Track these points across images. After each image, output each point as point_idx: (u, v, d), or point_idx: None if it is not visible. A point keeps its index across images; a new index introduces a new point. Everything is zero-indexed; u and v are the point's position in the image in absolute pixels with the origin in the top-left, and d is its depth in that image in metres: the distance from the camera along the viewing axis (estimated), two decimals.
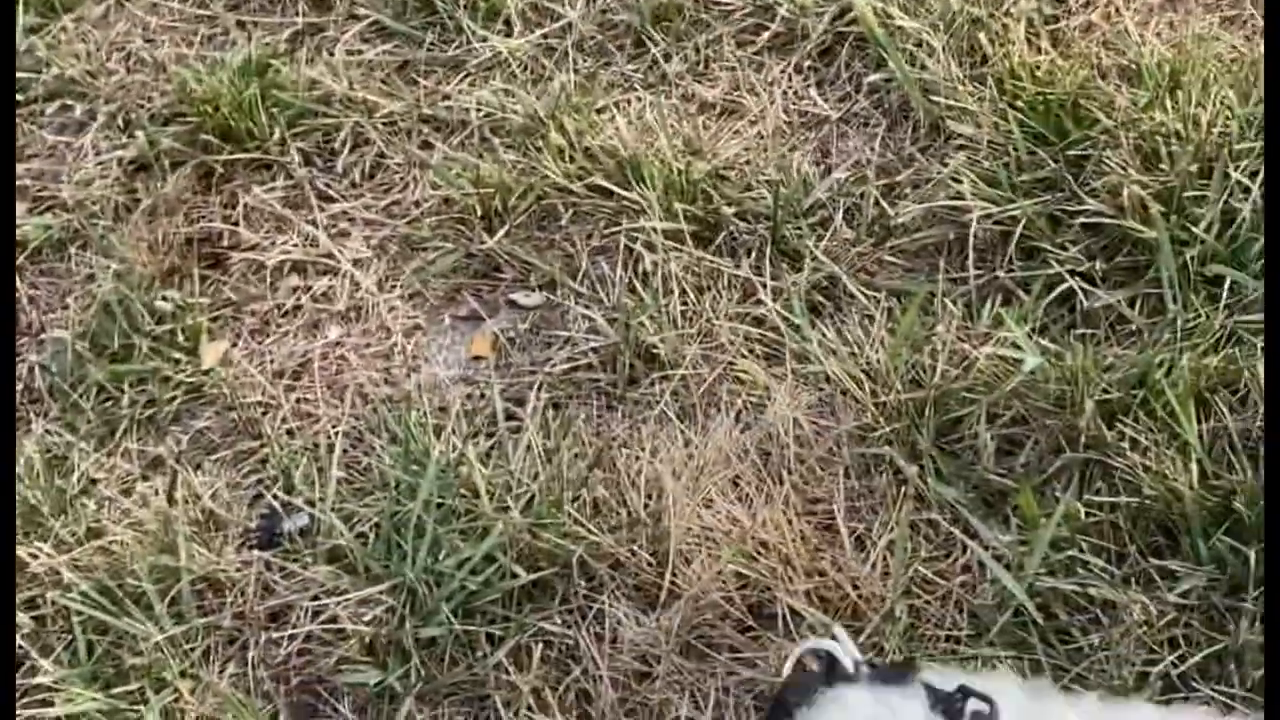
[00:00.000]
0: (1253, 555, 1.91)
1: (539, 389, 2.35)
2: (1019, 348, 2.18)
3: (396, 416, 2.32)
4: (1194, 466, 2.01)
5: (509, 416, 2.32)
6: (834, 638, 1.36)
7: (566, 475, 2.21)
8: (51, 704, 2.09)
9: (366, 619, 2.12)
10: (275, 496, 2.28)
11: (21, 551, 2.20)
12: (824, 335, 2.31)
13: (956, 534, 2.09)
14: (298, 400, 2.40)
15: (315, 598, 2.17)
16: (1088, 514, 2.03)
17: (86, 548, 2.22)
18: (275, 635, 2.16)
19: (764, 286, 2.37)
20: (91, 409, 2.40)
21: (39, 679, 2.11)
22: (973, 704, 1.21)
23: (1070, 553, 2.00)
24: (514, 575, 2.13)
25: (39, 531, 2.24)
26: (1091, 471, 2.08)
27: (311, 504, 2.25)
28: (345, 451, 2.32)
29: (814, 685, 1.29)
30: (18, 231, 2.62)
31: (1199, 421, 2.07)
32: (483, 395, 2.36)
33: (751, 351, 2.31)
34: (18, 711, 2.10)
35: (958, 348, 2.23)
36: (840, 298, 2.36)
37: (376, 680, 2.08)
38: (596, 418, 2.32)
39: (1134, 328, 2.21)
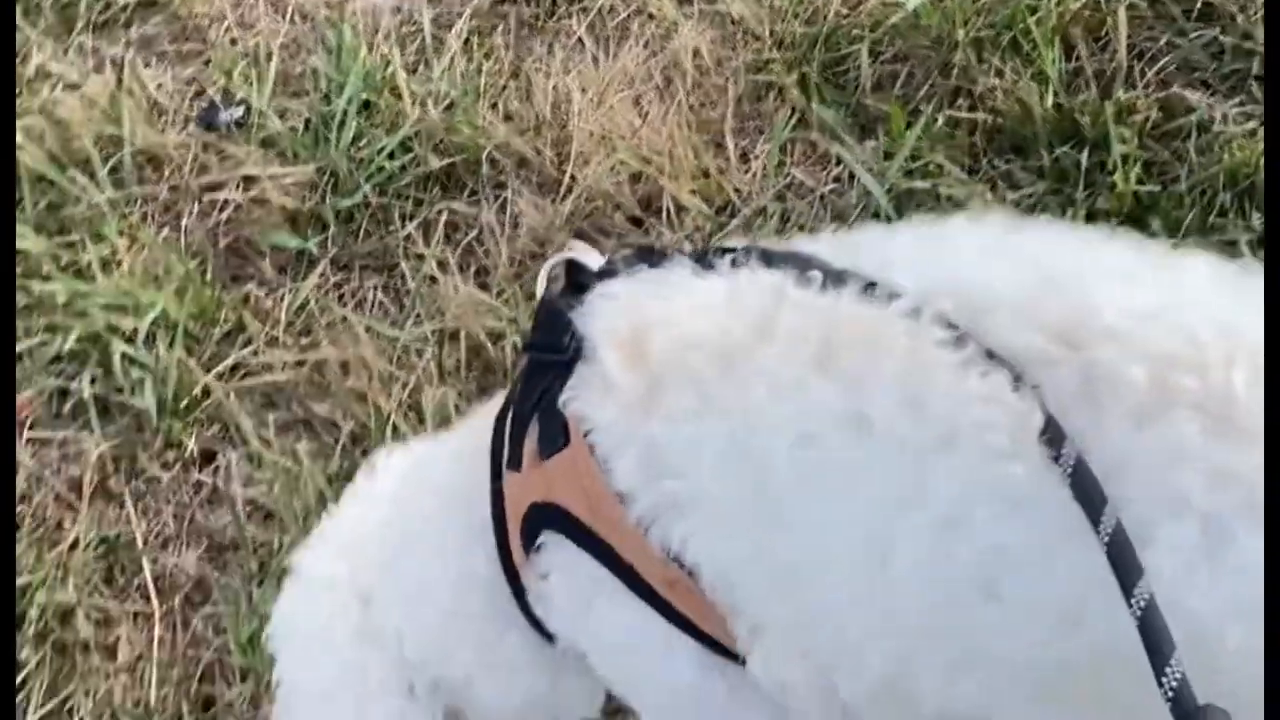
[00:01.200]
0: (1084, 158, 2.12)
1: (467, 18, 2.53)
2: None
3: (332, 27, 2.50)
4: (1050, 95, 2.22)
5: (436, 40, 2.50)
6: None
7: (484, 84, 2.40)
8: None
9: (291, 194, 2.33)
10: (215, 94, 2.47)
11: None
12: None
13: (832, 151, 2.30)
14: (242, 14, 2.58)
15: (246, 177, 2.37)
16: (948, 129, 2.24)
17: (38, 117, 2.41)
18: (207, 205, 2.36)
19: None
20: (49, 8, 2.58)
21: None
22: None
23: (928, 159, 2.20)
24: (427, 163, 2.33)
25: None
26: (957, 95, 2.28)
27: (247, 101, 2.44)
28: (282, 60, 2.50)
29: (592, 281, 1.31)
30: None
31: (1061, 62, 2.27)
32: (414, 20, 2.54)
33: None
34: None
35: None
36: None
37: (297, 244, 2.29)
38: (516, 44, 2.50)
39: None
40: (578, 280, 1.31)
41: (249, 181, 2.37)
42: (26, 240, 2.28)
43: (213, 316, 2.22)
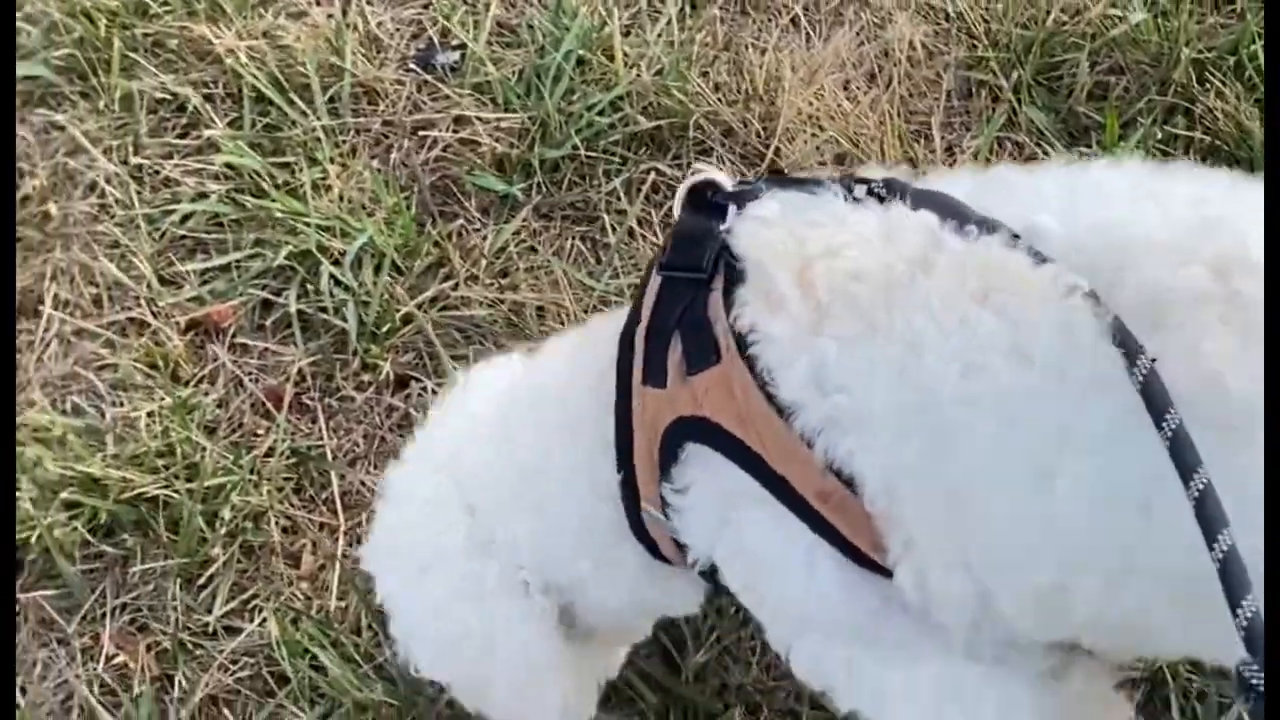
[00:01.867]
0: None
1: None
2: (1128, 3, 2.37)
3: None
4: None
5: (652, 7, 2.54)
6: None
7: (695, 53, 2.44)
8: (217, 151, 2.36)
9: (500, 139, 2.38)
10: (434, 35, 2.53)
11: (205, 30, 2.47)
12: None
13: (1039, 153, 2.31)
14: None
15: (458, 118, 2.42)
16: (1162, 145, 2.24)
17: (262, 41, 2.48)
18: (417, 142, 2.42)
19: None
20: None
21: (208, 133, 2.38)
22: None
23: None
24: (635, 123, 2.37)
25: (223, 20, 2.50)
26: (1173, 112, 2.28)
27: (464, 46, 2.50)
28: (502, 10, 2.55)
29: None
30: None
31: None
32: None
33: None
34: (183, 161, 2.38)
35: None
36: None
37: (503, 188, 2.34)
38: (730, 18, 2.53)
39: (1238, 8, 2.39)
40: (715, 201, 1.36)
41: (460, 123, 2.42)
42: (244, 158, 2.35)
43: (416, 248, 2.27)
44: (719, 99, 2.40)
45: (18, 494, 2.07)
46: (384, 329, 2.21)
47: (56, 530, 2.05)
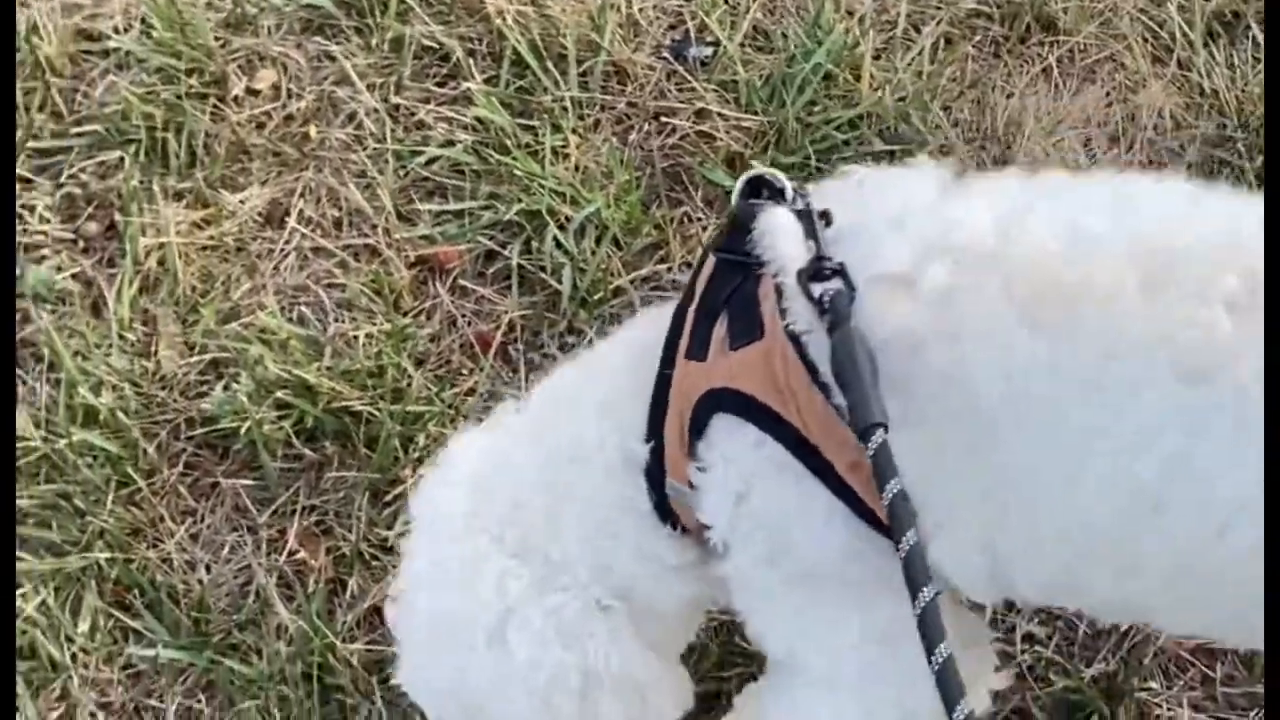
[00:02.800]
0: None
1: (941, 22, 2.60)
2: None
3: None
4: None
5: (906, 35, 2.59)
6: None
7: (941, 86, 2.48)
8: (471, 104, 2.49)
9: (736, 138, 2.45)
10: (691, 29, 2.62)
11: None
12: (1213, 56, 2.49)
13: None
14: None
15: (699, 111, 2.50)
16: None
17: (530, 7, 2.59)
18: (657, 127, 2.51)
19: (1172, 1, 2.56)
20: None
21: (466, 85, 2.51)
22: None
23: None
24: (871, 144, 2.42)
25: None
26: None
27: (718, 43, 2.58)
28: (760, 15, 2.63)
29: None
30: None
31: None
32: (891, 11, 2.62)
33: (1144, 43, 2.51)
34: (438, 108, 2.51)
35: None
36: (1238, 31, 2.53)
37: (732, 185, 2.41)
38: (981, 59, 2.56)
39: None
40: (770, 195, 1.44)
41: (700, 116, 2.50)
42: (495, 114, 2.46)
43: (638, 227, 2.36)
44: (956, 134, 2.44)
45: (235, 386, 2.22)
46: (595, 297, 2.30)
47: (265, 426, 2.19)
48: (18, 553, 2.11)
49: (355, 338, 2.28)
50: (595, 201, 2.36)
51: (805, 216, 1.38)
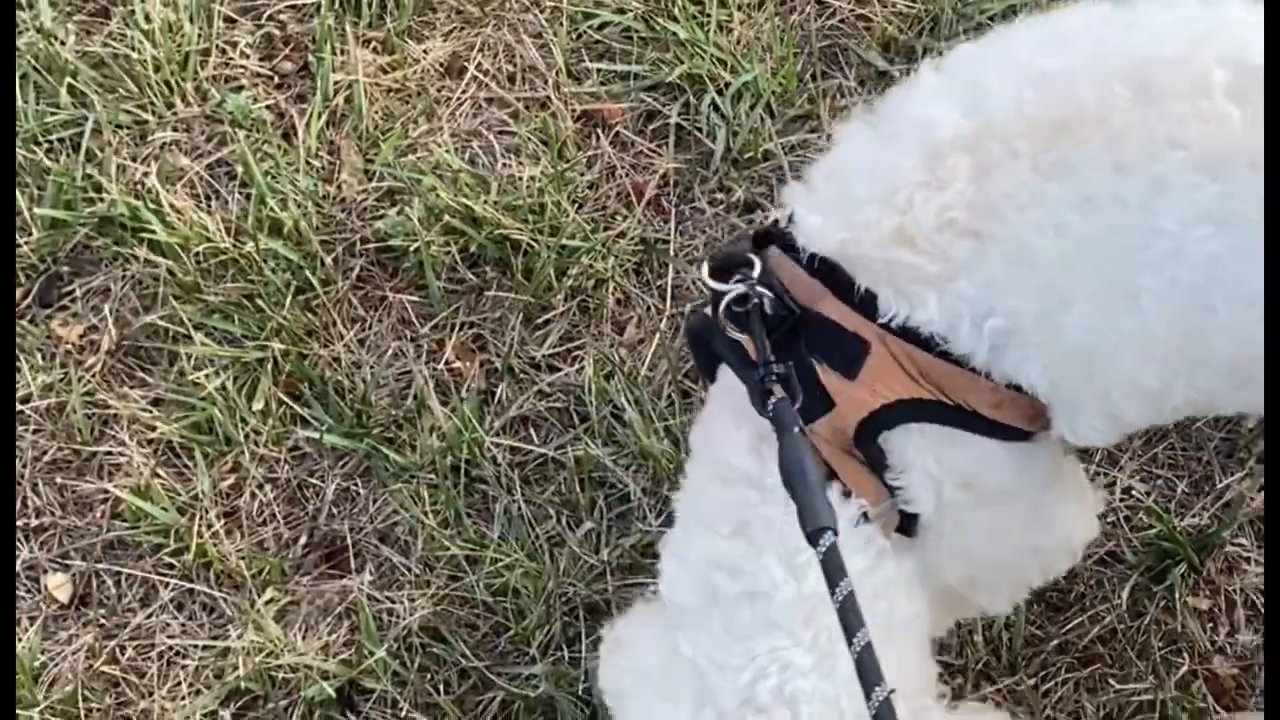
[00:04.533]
0: None
1: None
2: None
3: None
4: None
5: None
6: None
7: None
8: None
9: (894, 22, 2.57)
10: None
11: None
12: None
13: None
14: None
15: None
16: None
17: None
18: (818, 8, 2.63)
19: None
20: None
21: None
22: None
23: None
24: None
25: None
26: None
27: None
28: None
29: None
30: None
31: None
32: None
33: None
34: None
35: None
36: None
37: (884, 66, 2.54)
38: None
39: None
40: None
41: (861, 1, 2.62)
42: None
43: (791, 98, 2.50)
44: None
45: (408, 211, 2.41)
46: (745, 157, 2.44)
47: (433, 248, 2.38)
48: (200, 340, 2.33)
49: (520, 179, 2.45)
50: (754, 71, 2.50)
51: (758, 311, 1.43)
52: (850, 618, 1.24)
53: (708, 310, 1.51)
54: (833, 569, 1.27)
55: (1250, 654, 1.96)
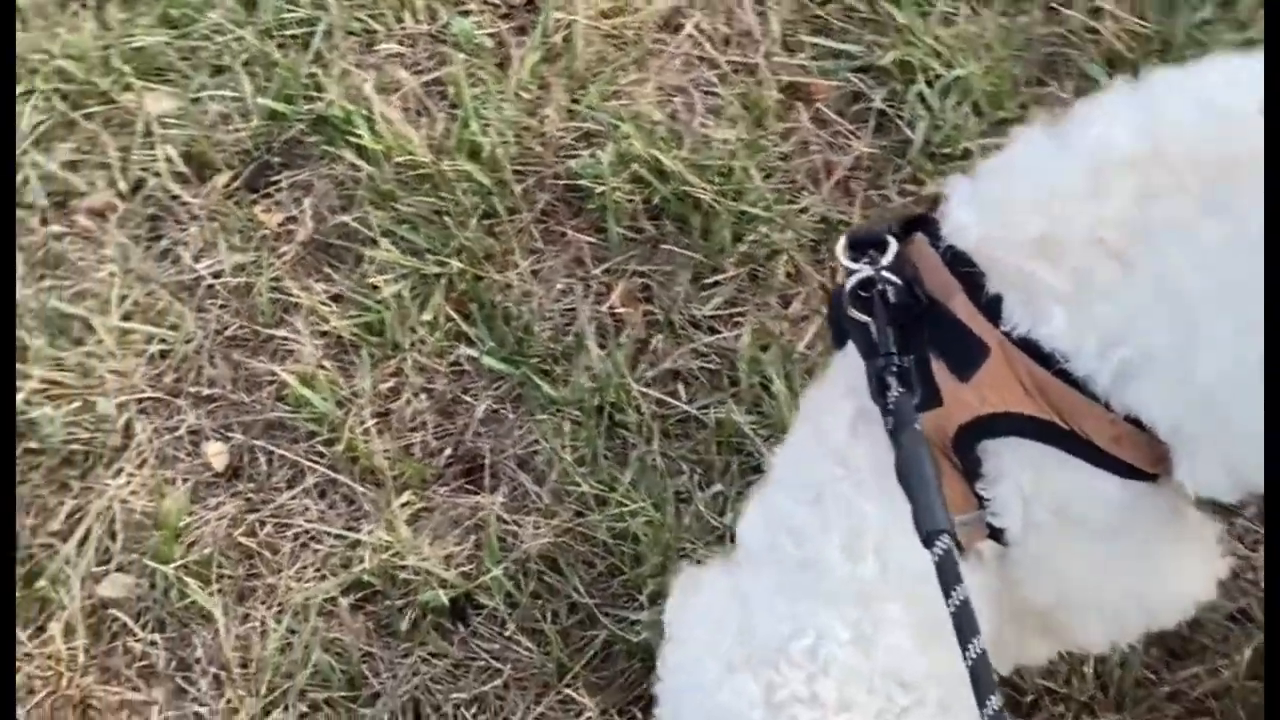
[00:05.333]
0: None
1: None
2: None
3: None
4: None
5: None
6: None
7: None
8: None
9: (1122, 39, 2.50)
10: None
11: None
12: None
13: None
14: None
15: (1094, 10, 2.56)
16: None
17: None
18: (1046, 16, 2.57)
19: None
20: None
21: None
22: None
23: None
24: None
25: None
26: None
27: None
28: None
29: None
30: None
31: None
32: None
33: None
34: None
35: None
36: None
37: (1104, 80, 2.47)
38: None
39: None
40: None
41: (1095, 13, 2.55)
42: None
43: (1002, 101, 2.46)
44: None
45: (600, 155, 2.46)
46: (943, 153, 2.42)
47: (619, 194, 2.42)
48: (385, 246, 2.43)
49: (713, 139, 2.48)
50: (969, 67, 2.47)
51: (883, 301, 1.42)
52: (965, 624, 1.24)
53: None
54: (949, 573, 1.28)
55: None
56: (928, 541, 1.31)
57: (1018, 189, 1.40)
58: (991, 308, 1.38)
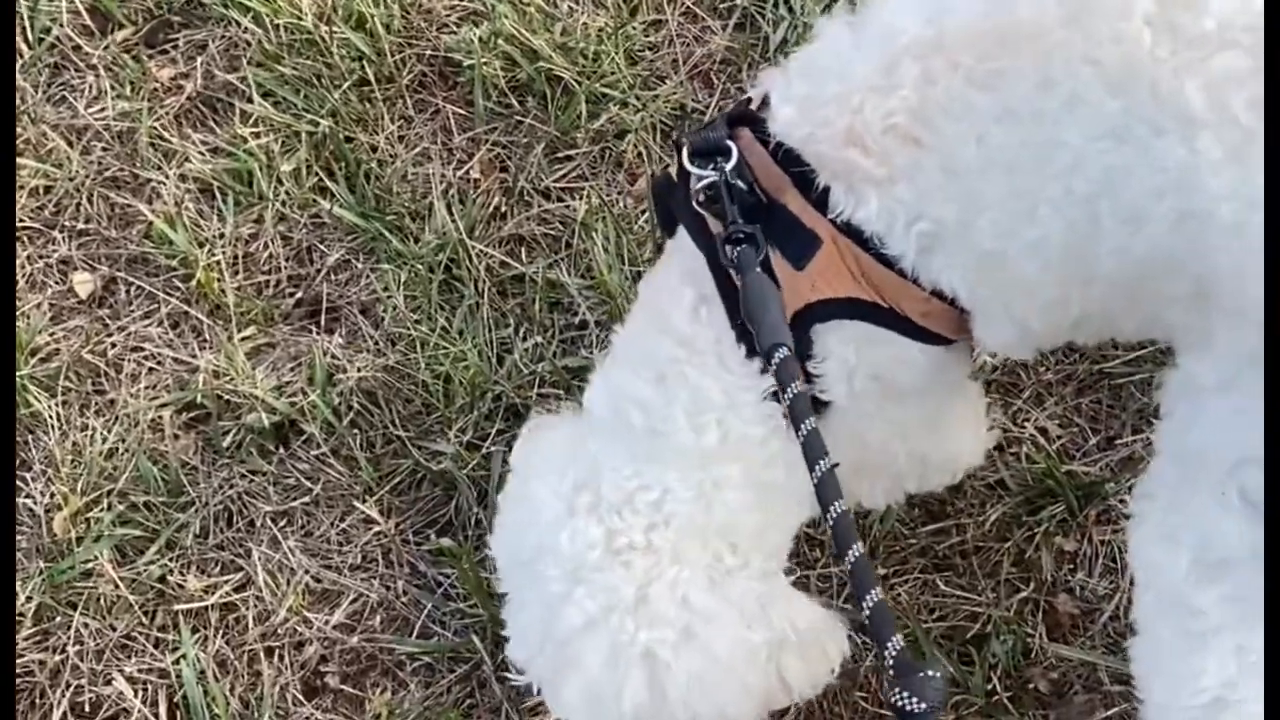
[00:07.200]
0: None
1: None
2: None
3: None
4: None
5: None
6: None
7: None
8: None
9: None
10: None
11: None
12: None
13: None
14: None
15: None
16: None
17: None
18: None
19: None
20: None
21: None
22: None
23: None
24: None
25: None
26: None
27: None
28: None
29: None
30: None
31: None
32: None
33: None
34: None
35: None
36: None
37: None
38: None
39: None
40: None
41: None
42: None
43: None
44: None
45: (476, 31, 2.57)
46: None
47: (487, 69, 2.54)
48: (259, 102, 2.55)
49: (587, 25, 2.59)
50: None
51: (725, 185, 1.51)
52: (814, 445, 1.37)
53: (673, 172, 1.61)
54: (785, 376, 1.40)
55: (1096, 600, 1.97)
56: (768, 355, 1.42)
57: (826, 86, 1.49)
58: (821, 200, 1.48)
